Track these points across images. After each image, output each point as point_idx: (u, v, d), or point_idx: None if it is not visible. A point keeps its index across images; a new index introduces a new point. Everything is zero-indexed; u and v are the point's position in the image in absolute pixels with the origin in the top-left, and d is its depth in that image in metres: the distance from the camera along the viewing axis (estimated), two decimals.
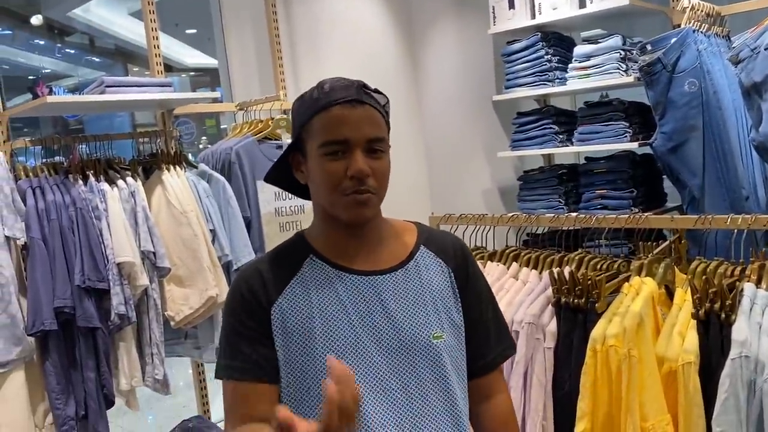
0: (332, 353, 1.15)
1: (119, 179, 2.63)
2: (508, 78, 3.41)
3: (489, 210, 3.59)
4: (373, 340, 1.17)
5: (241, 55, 3.72)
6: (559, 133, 3.25)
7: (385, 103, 1.20)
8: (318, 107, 1.16)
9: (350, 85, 1.17)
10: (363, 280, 1.20)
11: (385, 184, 1.18)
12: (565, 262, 1.98)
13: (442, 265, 1.27)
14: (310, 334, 1.17)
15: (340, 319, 1.18)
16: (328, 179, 1.16)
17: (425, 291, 1.23)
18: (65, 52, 10.95)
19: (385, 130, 1.19)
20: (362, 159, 1.13)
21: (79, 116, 8.81)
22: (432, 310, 1.22)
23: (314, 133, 1.17)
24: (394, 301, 1.20)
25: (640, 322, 1.60)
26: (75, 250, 2.43)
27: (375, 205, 1.18)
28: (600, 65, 3.06)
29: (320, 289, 1.20)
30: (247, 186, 2.99)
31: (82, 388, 2.48)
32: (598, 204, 3.10)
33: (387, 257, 1.24)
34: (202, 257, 2.72)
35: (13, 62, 10.03)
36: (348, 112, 1.14)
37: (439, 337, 1.20)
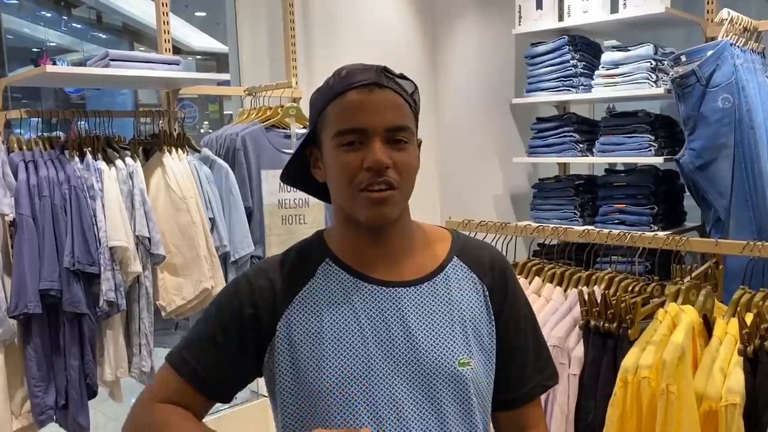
0: (341, 375, 1.02)
1: (118, 159, 2.49)
2: (530, 81, 3.29)
3: (499, 216, 3.46)
4: (390, 363, 1.03)
5: (253, 41, 3.59)
6: (579, 142, 3.13)
7: (412, 91, 1.06)
8: (333, 94, 1.03)
9: (369, 69, 1.03)
10: (383, 291, 1.06)
11: (410, 180, 1.04)
12: (593, 281, 1.85)
13: (475, 281, 1.12)
14: (319, 351, 1.03)
15: (353, 336, 1.04)
16: (342, 172, 1.02)
17: (453, 309, 1.08)
18: (71, 26, 10.79)
19: (410, 119, 1.04)
20: (381, 149, 0.99)
21: (82, 92, 8.66)
22: (460, 332, 1.06)
23: (329, 123, 1.04)
24: (417, 318, 1.05)
25: (682, 356, 1.46)
26: (66, 230, 2.29)
27: (397, 204, 1.02)
28: (629, 74, 2.94)
29: (333, 300, 1.06)
30: (251, 174, 2.86)
31: (64, 376, 2.35)
32: (616, 219, 2.98)
33: (413, 267, 1.09)
34: (199, 246, 2.59)
35: (17, 33, 9.86)
36: (365, 97, 1.01)
37: (466, 363, 1.05)
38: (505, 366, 1.12)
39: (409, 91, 1.05)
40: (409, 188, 1.05)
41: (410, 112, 1.04)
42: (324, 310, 1.05)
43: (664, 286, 1.78)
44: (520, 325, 1.14)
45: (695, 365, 1.55)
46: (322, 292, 1.07)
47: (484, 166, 3.59)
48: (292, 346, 1.04)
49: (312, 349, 1.03)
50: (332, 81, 1.05)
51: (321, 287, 1.07)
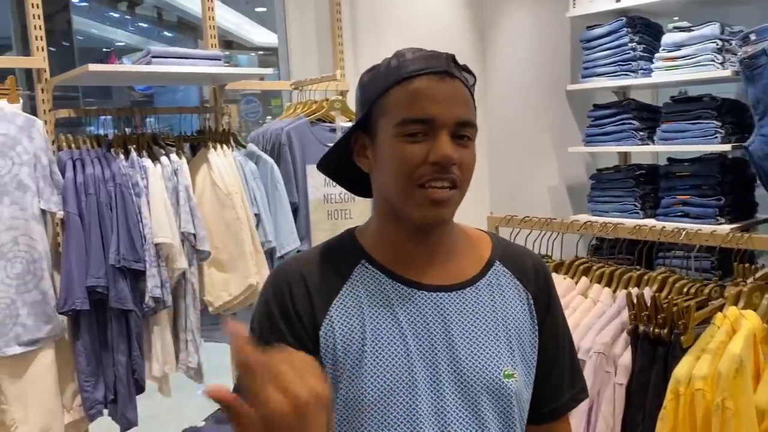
0: (383, 387, 0.95)
1: (163, 156, 2.50)
2: (586, 66, 3.13)
3: (555, 210, 3.31)
4: (432, 374, 0.95)
5: (301, 34, 3.57)
6: (639, 130, 2.95)
7: (473, 84, 0.99)
8: (397, 77, 0.94)
9: (439, 56, 0.95)
10: (424, 296, 0.98)
11: (469, 178, 0.96)
12: (645, 281, 1.71)
13: (519, 288, 1.04)
14: (360, 360, 0.96)
15: (395, 345, 0.96)
16: (402, 165, 0.93)
17: (498, 317, 1.00)
18: (138, 25, 11.12)
19: (474, 113, 0.97)
20: (449, 143, 0.92)
21: (150, 89, 8.89)
22: (504, 341, 0.99)
23: (390, 109, 0.94)
24: (460, 326, 0.98)
25: (740, 367, 1.33)
26: (112, 228, 2.32)
27: (455, 205, 0.96)
28: (692, 56, 2.74)
29: (374, 305, 0.98)
30: (296, 170, 2.82)
31: (112, 371, 2.39)
32: (679, 211, 2.80)
33: (455, 271, 1.01)
34: (245, 242, 2.58)
35: (87, 33, 10.22)
36: (436, 86, 0.92)
37: (510, 375, 0.97)
38: (544, 379, 1.05)
39: (472, 83, 0.98)
40: (467, 188, 0.97)
41: (473, 106, 0.97)
42: (365, 316, 0.97)
43: (724, 287, 1.63)
44: (559, 336, 1.07)
45: (757, 377, 1.41)
46: (361, 297, 0.98)
47: (538, 157, 3.44)
48: (335, 354, 0.97)
49: (354, 359, 0.96)
50: (395, 63, 0.96)
51: (359, 291, 0.99)
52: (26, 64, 2.42)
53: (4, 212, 2.15)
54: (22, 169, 2.18)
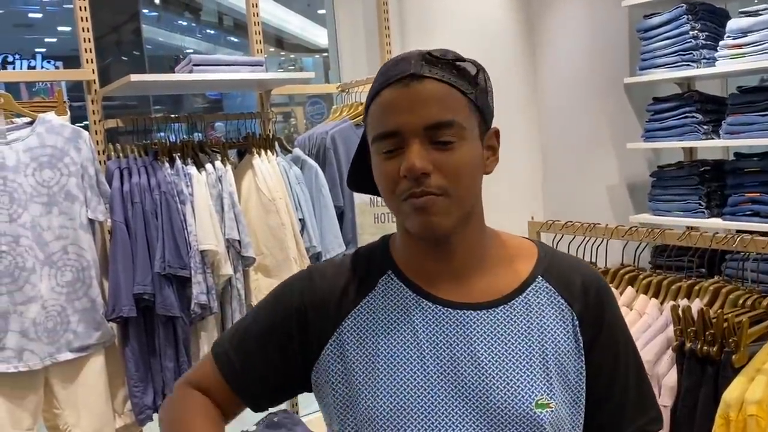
0: (398, 408, 0.89)
1: (208, 162, 2.52)
2: (644, 57, 2.98)
3: (615, 210, 3.17)
4: (453, 399, 0.88)
5: (351, 35, 3.54)
6: (703, 123, 2.78)
7: (476, 73, 0.90)
8: (372, 94, 0.91)
9: (406, 58, 0.88)
10: (449, 314, 0.92)
11: (464, 184, 0.88)
12: (696, 292, 1.58)
13: (563, 306, 0.94)
14: (373, 377, 0.91)
15: (412, 364, 0.90)
16: (384, 183, 0.89)
17: (533, 339, 0.92)
18: (204, 32, 11.42)
19: (461, 110, 0.88)
20: (420, 152, 0.85)
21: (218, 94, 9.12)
22: (539, 367, 0.90)
23: (369, 127, 0.92)
24: (488, 348, 0.90)
25: None
26: (157, 235, 2.35)
27: (445, 212, 0.87)
28: (760, 42, 2.55)
29: (392, 320, 0.93)
30: (342, 173, 2.80)
31: (160, 377, 2.42)
32: (748, 210, 2.62)
33: (486, 287, 0.94)
34: (289, 247, 2.57)
35: (156, 42, 10.58)
36: (399, 94, 0.86)
37: (545, 405, 0.88)
38: (599, 407, 0.94)
39: (471, 73, 0.89)
40: (465, 193, 0.89)
41: (463, 101, 0.88)
42: (380, 330, 0.93)
43: None
44: (618, 359, 0.96)
45: None
46: (381, 310, 0.94)
47: (595, 155, 3.29)
48: (346, 365, 0.93)
49: (366, 374, 0.92)
50: (376, 78, 0.92)
51: (380, 303, 0.95)
52: (75, 77, 2.48)
53: (54, 222, 2.20)
54: (70, 180, 2.23)
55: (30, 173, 2.16)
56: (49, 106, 2.29)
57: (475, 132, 0.90)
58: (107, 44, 8.85)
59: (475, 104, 0.90)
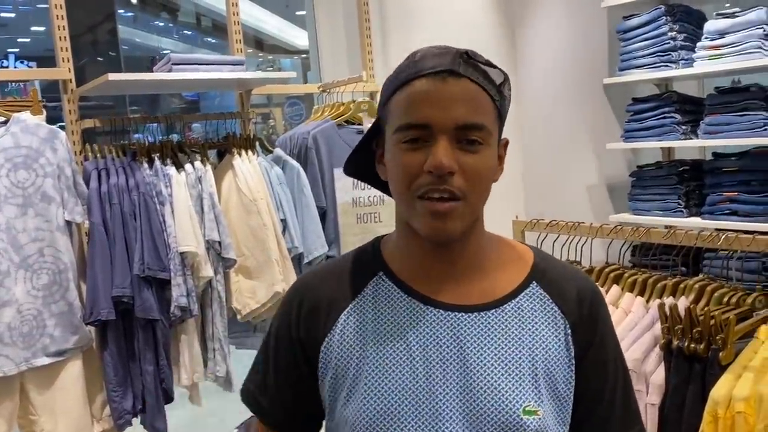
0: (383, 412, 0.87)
1: (187, 163, 2.48)
2: (624, 58, 3.00)
3: (594, 210, 3.18)
4: (441, 403, 0.87)
5: (331, 35, 3.52)
6: (681, 124, 2.81)
7: (501, 82, 0.89)
8: (400, 81, 0.88)
9: (445, 53, 0.87)
10: (440, 316, 0.90)
11: (480, 189, 0.87)
12: (681, 290, 1.58)
13: (556, 315, 0.93)
14: (357, 381, 0.90)
15: (401, 367, 0.89)
16: (401, 174, 0.87)
17: (524, 345, 0.90)
18: (182, 33, 11.31)
19: (490, 116, 0.87)
20: (447, 150, 0.83)
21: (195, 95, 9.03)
22: (528, 374, 0.89)
23: (392, 115, 0.89)
24: (479, 351, 0.89)
25: None
26: (136, 237, 2.31)
27: (462, 218, 0.86)
28: (737, 44, 2.58)
29: (381, 322, 0.92)
30: (324, 173, 2.77)
31: (140, 381, 2.38)
32: (726, 209, 2.65)
33: (480, 290, 0.92)
34: (271, 249, 2.54)
35: (133, 43, 10.45)
36: (435, 88, 0.84)
37: (532, 412, 0.87)
38: (585, 419, 0.94)
39: (497, 81, 0.88)
40: (479, 199, 0.88)
41: (492, 107, 0.87)
42: (369, 333, 0.91)
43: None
44: (607, 371, 0.95)
45: None
46: (370, 312, 0.93)
47: (575, 155, 3.31)
48: (336, 371, 0.92)
49: (354, 378, 0.90)
50: (404, 65, 0.90)
51: (370, 306, 0.93)
52: (51, 76, 2.43)
53: (29, 224, 2.15)
54: (46, 181, 2.19)
55: (4, 174, 2.11)
56: (24, 105, 2.24)
57: (496, 140, 0.90)
58: (82, 44, 8.73)
59: (500, 112, 0.89)
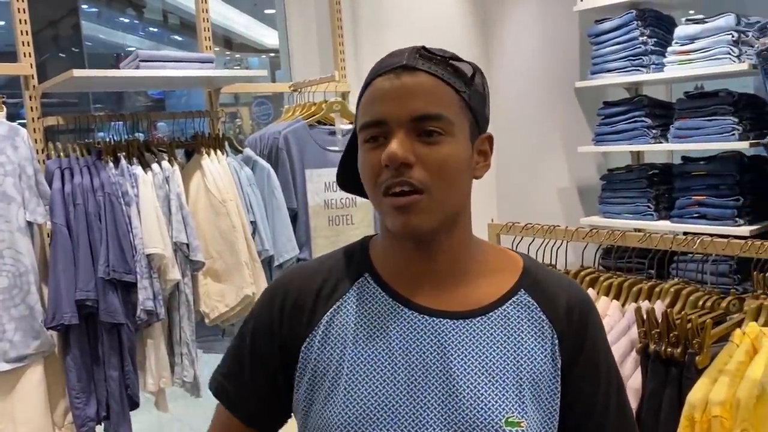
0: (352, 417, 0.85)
1: (155, 162, 2.42)
2: (595, 62, 3.01)
3: (565, 212, 3.20)
4: (421, 410, 0.84)
5: (303, 34, 3.47)
6: (652, 128, 2.83)
7: (472, 74, 0.88)
8: (364, 85, 0.90)
9: (402, 51, 0.87)
10: (423, 321, 0.88)
11: (446, 182, 0.85)
12: (657, 294, 1.59)
13: (544, 324, 0.90)
14: (334, 384, 0.87)
15: (379, 371, 0.87)
16: (366, 172, 0.87)
17: (509, 354, 0.87)
18: (147, 30, 11.10)
19: (452, 106, 0.85)
20: (402, 142, 0.82)
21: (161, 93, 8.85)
22: (513, 384, 0.86)
23: (358, 117, 0.90)
24: (462, 360, 0.86)
25: (762, 394, 1.21)
26: (101, 239, 2.24)
27: (427, 211, 0.84)
28: (706, 49, 2.61)
29: (364, 325, 0.89)
30: (295, 174, 2.73)
31: (104, 387, 2.31)
32: (695, 212, 2.67)
33: (465, 296, 0.90)
34: (240, 251, 2.49)
35: (97, 39, 10.22)
36: (391, 84, 0.84)
37: (516, 423, 0.84)
38: (581, 426, 0.91)
39: (466, 74, 0.87)
40: (446, 192, 0.85)
41: (454, 98, 0.85)
42: (350, 335, 0.89)
43: (743, 300, 1.50)
44: (600, 378, 0.92)
45: None
46: (353, 314, 0.90)
47: (546, 158, 3.31)
48: (314, 372, 0.90)
49: (332, 381, 0.88)
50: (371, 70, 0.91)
51: (353, 307, 0.91)
52: (12, 71, 2.34)
53: None
54: (6, 180, 2.11)
55: None
56: None
57: (465, 132, 0.87)
58: (44, 40, 8.49)
59: (468, 104, 0.87)
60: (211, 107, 2.80)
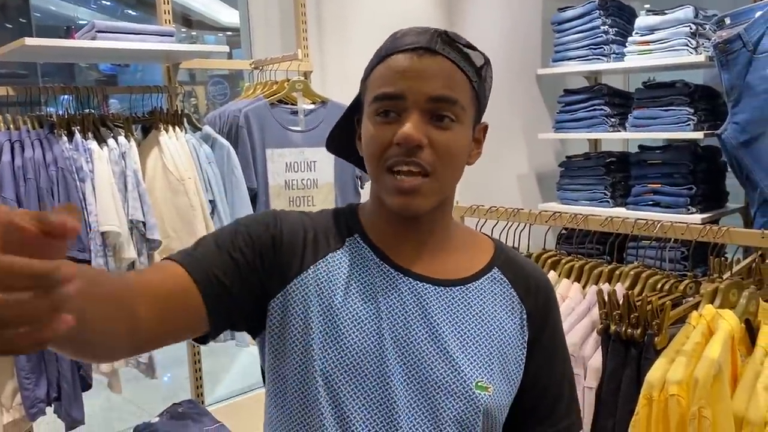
0: (343, 369, 0.86)
1: (110, 138, 2.34)
2: (558, 50, 3.04)
3: (524, 198, 3.24)
4: (400, 366, 0.87)
5: (264, 12, 3.40)
6: (611, 116, 2.88)
7: (482, 65, 0.90)
8: (380, 56, 0.90)
9: (425, 31, 0.89)
10: (410, 284, 0.91)
11: (450, 167, 0.88)
12: (617, 276, 1.62)
13: (514, 300, 0.96)
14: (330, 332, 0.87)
15: (368, 326, 0.88)
16: (372, 145, 0.88)
17: (483, 324, 0.92)
18: (100, 2, 10.74)
19: (465, 94, 0.88)
20: (417, 123, 0.84)
21: (113, 69, 8.58)
22: (484, 351, 0.91)
23: (370, 88, 0.90)
24: (443, 324, 0.90)
25: (718, 374, 1.24)
26: None
27: (430, 195, 0.87)
28: (665, 40, 2.67)
29: (356, 279, 0.91)
30: (255, 154, 2.68)
31: (55, 368, 2.24)
32: (650, 200, 2.74)
33: (446, 267, 0.94)
34: (198, 231, 2.44)
35: (46, 11, 9.84)
36: (411, 62, 0.86)
37: (484, 388, 0.89)
38: (531, 405, 0.96)
39: (477, 63, 0.89)
40: (449, 177, 0.89)
41: (467, 87, 0.88)
42: (342, 286, 0.91)
43: (700, 283, 1.55)
44: (555, 362, 0.99)
45: (734, 380, 1.33)
46: (346, 267, 0.92)
47: (507, 144, 3.34)
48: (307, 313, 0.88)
49: (325, 326, 0.88)
50: (385, 43, 0.92)
51: (346, 261, 0.93)
52: None
53: None
54: None
55: None
56: None
57: (471, 120, 0.90)
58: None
59: (477, 93, 0.89)
60: (170, 83, 2.72)
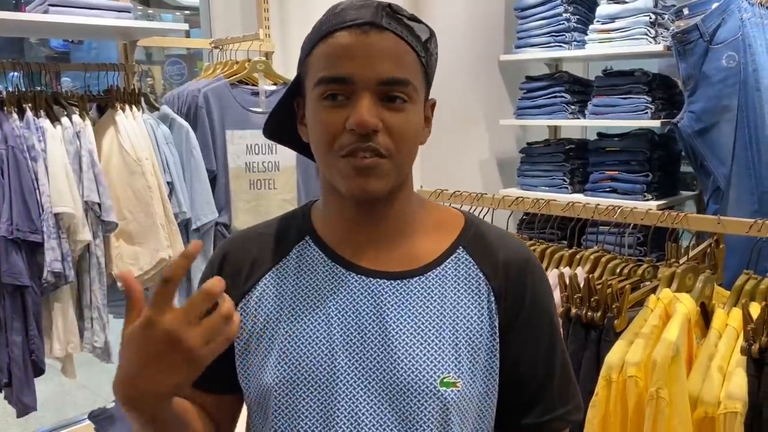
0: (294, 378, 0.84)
1: (64, 116, 2.27)
2: (520, 36, 3.06)
3: (485, 183, 3.26)
4: (356, 371, 0.84)
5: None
6: (571, 104, 2.92)
7: (427, 38, 0.86)
8: (320, 33, 0.83)
9: (368, 5, 0.83)
10: (363, 282, 0.87)
11: (406, 148, 0.84)
12: (577, 261, 1.65)
13: (480, 282, 0.88)
14: (270, 345, 0.87)
15: (316, 333, 0.86)
16: (322, 133, 0.82)
17: (445, 314, 0.86)
18: None
19: (416, 72, 0.84)
20: (370, 106, 0.79)
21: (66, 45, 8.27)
22: (449, 344, 0.85)
23: (311, 69, 0.84)
24: (398, 321, 0.85)
25: (676, 355, 1.27)
26: (3, 196, 2.08)
27: (387, 176, 0.82)
28: (625, 29, 2.71)
29: (301, 287, 0.88)
30: (215, 135, 2.63)
31: (6, 352, 2.17)
32: (608, 187, 2.79)
33: (404, 257, 0.89)
34: (156, 213, 2.39)
35: None
36: (357, 40, 0.80)
37: (451, 384, 0.83)
38: (522, 388, 0.89)
39: (422, 37, 0.85)
40: (406, 158, 0.85)
41: (417, 63, 0.84)
42: (287, 297, 0.88)
43: (657, 267, 1.59)
44: (541, 341, 0.90)
45: (690, 362, 1.37)
46: (292, 276, 0.89)
47: (469, 130, 3.36)
48: (250, 333, 0.88)
49: (267, 341, 0.87)
50: (323, 18, 0.85)
51: (292, 270, 0.90)
52: None
53: None
54: None
55: None
56: None
57: (422, 98, 0.86)
58: None
59: (426, 69, 0.86)
60: (126, 61, 2.64)
